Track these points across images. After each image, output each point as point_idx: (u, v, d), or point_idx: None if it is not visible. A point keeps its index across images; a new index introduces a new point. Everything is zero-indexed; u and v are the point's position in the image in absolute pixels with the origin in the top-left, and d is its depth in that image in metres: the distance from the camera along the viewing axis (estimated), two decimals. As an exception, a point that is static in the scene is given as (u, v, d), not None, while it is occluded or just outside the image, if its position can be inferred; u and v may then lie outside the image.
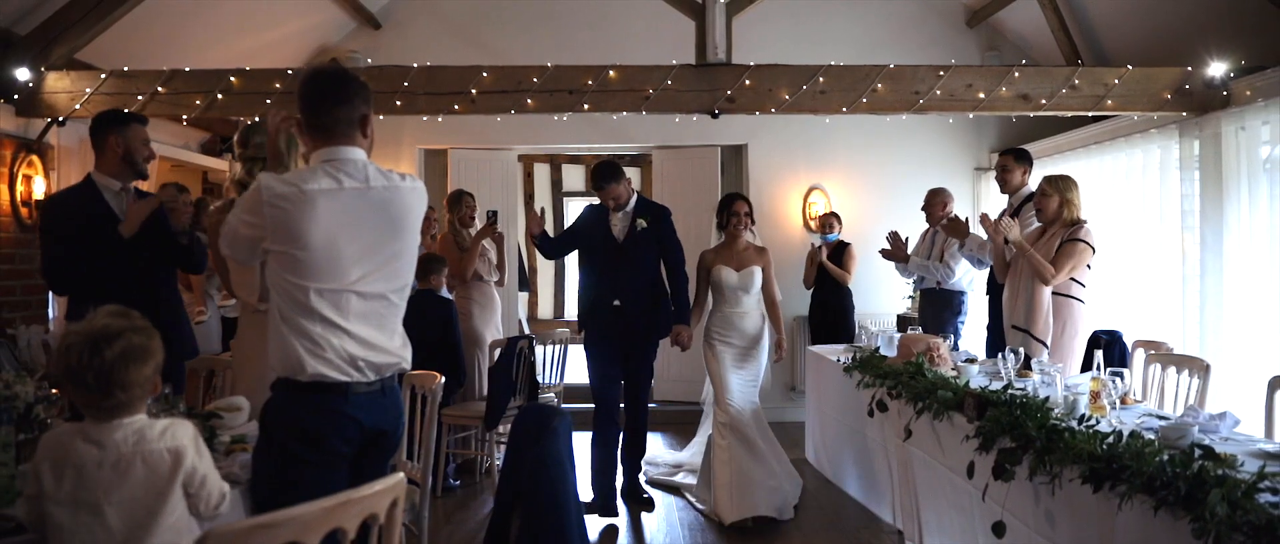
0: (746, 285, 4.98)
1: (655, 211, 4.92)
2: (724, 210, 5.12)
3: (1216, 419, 3.02)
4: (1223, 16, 5.19)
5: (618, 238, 4.84)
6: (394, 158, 7.30)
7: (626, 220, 4.85)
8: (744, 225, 5.03)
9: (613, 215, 4.86)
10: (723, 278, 4.99)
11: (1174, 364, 4.01)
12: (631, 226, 4.83)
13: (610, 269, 4.83)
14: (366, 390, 2.33)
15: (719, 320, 5.04)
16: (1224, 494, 2.02)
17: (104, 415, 1.86)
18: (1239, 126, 4.84)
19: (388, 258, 2.38)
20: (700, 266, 5.10)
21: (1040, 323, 4.36)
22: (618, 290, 4.80)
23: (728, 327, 5.00)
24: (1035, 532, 2.86)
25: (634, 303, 4.82)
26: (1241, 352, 4.78)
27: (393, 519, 1.83)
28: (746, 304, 5.01)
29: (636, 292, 4.84)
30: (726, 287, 4.98)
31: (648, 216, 4.85)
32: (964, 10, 7.60)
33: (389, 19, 7.43)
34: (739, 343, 5.00)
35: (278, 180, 2.26)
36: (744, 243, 5.06)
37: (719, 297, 5.04)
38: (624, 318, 4.80)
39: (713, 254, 5.10)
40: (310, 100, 2.35)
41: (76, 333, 1.86)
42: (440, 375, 3.43)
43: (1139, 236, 5.76)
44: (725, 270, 4.99)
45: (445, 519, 4.83)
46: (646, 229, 4.82)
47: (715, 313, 5.08)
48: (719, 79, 5.41)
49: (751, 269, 4.99)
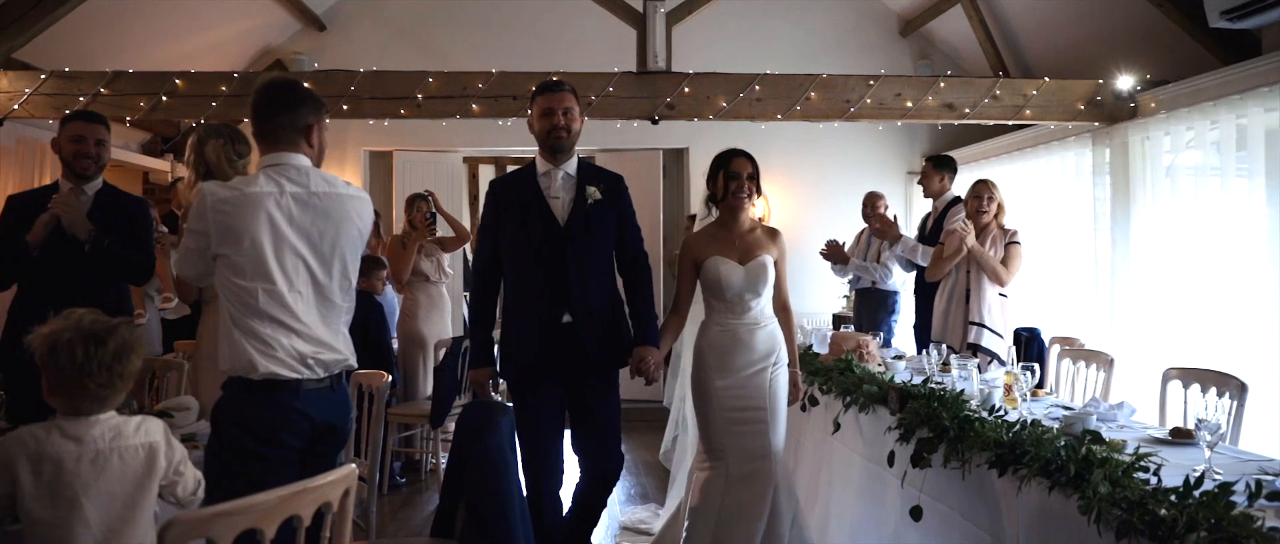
0: (755, 284, 3.49)
1: (609, 180, 3.39)
2: (719, 173, 3.57)
3: (1115, 409, 3.27)
4: (1132, 34, 5.53)
5: (559, 217, 3.26)
6: (339, 160, 7.34)
7: (568, 189, 3.30)
8: (749, 196, 3.55)
9: (548, 183, 3.30)
10: (720, 275, 3.47)
11: (1083, 358, 4.29)
12: (578, 198, 3.28)
13: (552, 267, 3.24)
14: (316, 387, 2.44)
15: (716, 339, 3.52)
16: (1106, 474, 2.23)
17: (86, 410, 1.95)
18: (1145, 136, 5.18)
19: (332, 260, 2.50)
20: (683, 259, 3.65)
21: (996, 318, 4.73)
22: (566, 299, 3.23)
23: (729, 347, 3.49)
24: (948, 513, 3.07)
25: (590, 316, 3.27)
26: (1145, 346, 5.10)
27: (345, 507, 1.95)
28: (756, 312, 3.53)
29: (594, 298, 3.29)
30: (726, 287, 3.47)
31: (600, 185, 3.32)
32: (897, 20, 7.90)
33: (334, 21, 7.46)
34: (747, 371, 3.48)
35: (220, 186, 2.40)
36: (749, 222, 3.59)
37: (715, 303, 3.55)
38: (577, 342, 3.24)
39: (702, 240, 3.58)
40: (259, 108, 2.49)
41: (65, 331, 1.94)
42: (387, 374, 3.55)
43: (1057, 238, 6.10)
44: (723, 264, 3.47)
45: (391, 515, 4.92)
46: (601, 202, 3.29)
47: (709, 327, 3.57)
48: (659, 86, 5.58)
49: (761, 260, 3.50)
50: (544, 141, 3.27)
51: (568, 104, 3.27)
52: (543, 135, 3.28)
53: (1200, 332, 4.76)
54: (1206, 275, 4.78)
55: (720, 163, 3.59)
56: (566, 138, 3.27)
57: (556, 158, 3.29)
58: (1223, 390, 3.27)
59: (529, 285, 3.28)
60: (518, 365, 3.28)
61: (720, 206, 3.60)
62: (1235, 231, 4.59)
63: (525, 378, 3.28)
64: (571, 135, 3.28)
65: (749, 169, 3.55)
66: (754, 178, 3.56)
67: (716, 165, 3.60)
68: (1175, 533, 1.85)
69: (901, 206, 7.72)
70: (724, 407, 3.47)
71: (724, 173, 3.55)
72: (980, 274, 4.73)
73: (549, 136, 3.25)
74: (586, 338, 3.24)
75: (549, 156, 3.30)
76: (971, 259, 4.74)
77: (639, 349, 3.34)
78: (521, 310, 3.30)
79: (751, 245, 3.54)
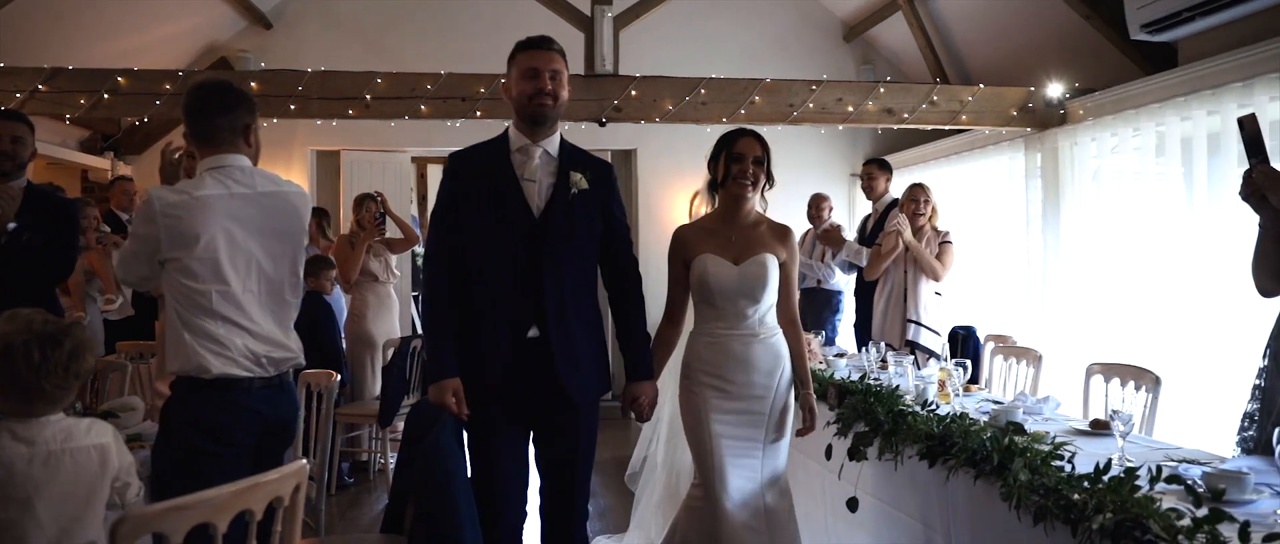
0: (752, 289, 2.95)
1: (596, 168, 2.75)
2: (722, 154, 3.05)
3: (1041, 402, 3.43)
4: (1062, 44, 5.76)
5: (534, 205, 2.64)
6: (286, 159, 7.28)
7: (549, 172, 2.67)
8: (755, 184, 3.01)
9: (523, 161, 2.67)
10: (709, 276, 2.95)
11: (1014, 355, 4.46)
12: (560, 185, 2.65)
13: (522, 266, 2.61)
14: (266, 385, 2.47)
15: (703, 352, 3.02)
16: (1026, 463, 2.37)
17: (38, 412, 1.97)
18: (1073, 142, 5.41)
19: (282, 258, 2.54)
20: (673, 255, 3.08)
21: (932, 315, 4.92)
22: (537, 308, 2.60)
23: (719, 361, 2.98)
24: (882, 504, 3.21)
25: (567, 331, 2.64)
26: (1072, 342, 5.33)
27: (296, 502, 1.99)
28: (753, 322, 2.99)
29: (571, 309, 2.66)
30: (716, 291, 2.95)
31: (587, 172, 2.69)
32: (841, 25, 8.09)
33: (280, 18, 7.40)
34: (745, 390, 2.98)
35: (167, 191, 2.42)
36: (753, 215, 3.07)
37: (704, 309, 3.04)
38: (547, 363, 2.60)
39: (694, 233, 3.08)
40: (194, 111, 2.50)
41: (17, 334, 1.96)
42: (336, 373, 3.58)
43: (992, 240, 6.32)
44: (714, 262, 2.96)
45: (340, 515, 4.92)
46: (587, 193, 2.67)
47: (699, 336, 3.06)
48: (606, 89, 5.66)
49: (760, 259, 2.97)
50: (524, 110, 2.66)
51: (557, 66, 2.68)
52: (524, 102, 2.65)
53: (1123, 328, 4.99)
54: (1129, 275, 5.02)
55: (725, 142, 3.06)
56: (552, 107, 2.64)
57: (536, 131, 2.68)
58: (1139, 384, 3.45)
59: (492, 288, 2.61)
60: (473, 392, 2.61)
61: (720, 193, 3.08)
62: (1155, 234, 4.82)
63: (481, 409, 2.62)
64: (558, 104, 2.66)
65: (758, 151, 3.00)
66: (763, 163, 3.01)
67: (720, 145, 3.07)
68: (1085, 515, 1.98)
69: (845, 208, 7.90)
70: (716, 432, 2.97)
71: (727, 154, 3.02)
72: (918, 274, 4.92)
73: (532, 104, 2.63)
74: (558, 357, 2.60)
75: (527, 129, 2.68)
76: (909, 257, 4.93)
77: (633, 386, 2.76)
78: (480, 320, 2.62)
79: (751, 242, 2.99)
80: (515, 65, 2.72)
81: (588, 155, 2.81)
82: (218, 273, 2.38)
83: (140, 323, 5.36)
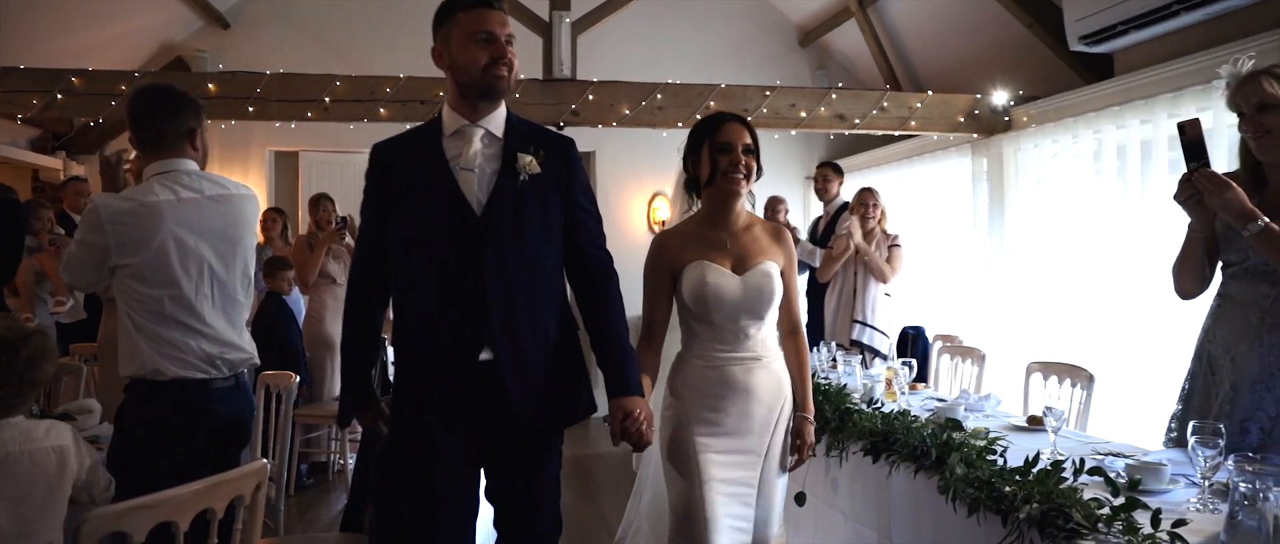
0: (757, 303, 2.49)
1: (553, 144, 2.27)
2: (704, 146, 2.54)
3: (982, 400, 3.56)
4: (1007, 53, 5.95)
5: (474, 200, 2.17)
6: (243, 160, 7.24)
7: (492, 157, 2.20)
8: (748, 176, 2.53)
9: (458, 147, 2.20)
10: (707, 288, 2.47)
11: (960, 354, 4.61)
12: (505, 172, 2.18)
13: (463, 275, 2.14)
14: (223, 385, 2.51)
15: (696, 379, 2.52)
16: (962, 457, 2.49)
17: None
18: (1017, 148, 5.60)
19: (232, 260, 2.57)
20: (653, 266, 2.58)
21: (881, 316, 5.06)
22: (484, 326, 2.14)
23: (717, 391, 2.50)
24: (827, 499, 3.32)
25: (520, 351, 2.17)
26: (1016, 341, 5.51)
27: (257, 501, 2.03)
28: (756, 341, 2.53)
29: (526, 323, 2.18)
30: (716, 306, 2.47)
31: (538, 152, 2.20)
32: (796, 31, 8.23)
33: (238, 18, 7.35)
34: (743, 424, 2.50)
35: (114, 199, 2.43)
36: (744, 216, 2.60)
37: (698, 328, 2.55)
38: (499, 391, 2.14)
39: (679, 239, 2.58)
40: (139, 116, 2.51)
41: None
42: (295, 375, 3.60)
43: (941, 242, 6.51)
44: (712, 272, 2.49)
45: (299, 515, 4.93)
46: (541, 178, 2.19)
47: (688, 362, 2.56)
48: (564, 93, 5.73)
49: (764, 268, 2.51)
50: (476, 84, 2.15)
51: (510, 29, 2.21)
52: (475, 74, 2.14)
53: (1063, 327, 5.18)
54: (1069, 277, 5.21)
55: (706, 131, 2.55)
56: (508, 78, 2.16)
57: (479, 109, 2.19)
58: (1075, 381, 3.60)
59: (426, 305, 2.17)
60: (410, 422, 2.18)
61: (705, 193, 2.57)
62: (1093, 238, 5.01)
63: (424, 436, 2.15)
64: (512, 75, 2.18)
65: (746, 138, 2.51)
66: (753, 151, 2.54)
67: (701, 134, 2.56)
68: (1014, 506, 2.09)
69: (800, 210, 8.05)
70: (709, 477, 2.46)
71: (711, 145, 2.50)
72: (867, 276, 5.07)
73: (487, 76, 2.13)
74: (512, 385, 2.13)
75: (468, 107, 2.19)
76: (859, 259, 5.08)
77: (620, 402, 2.20)
78: (416, 342, 2.20)
79: (750, 248, 2.54)
80: (456, 27, 2.17)
81: (542, 130, 2.31)
82: (169, 278, 2.41)
83: (93, 324, 5.31)
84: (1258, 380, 2.43)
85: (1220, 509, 1.94)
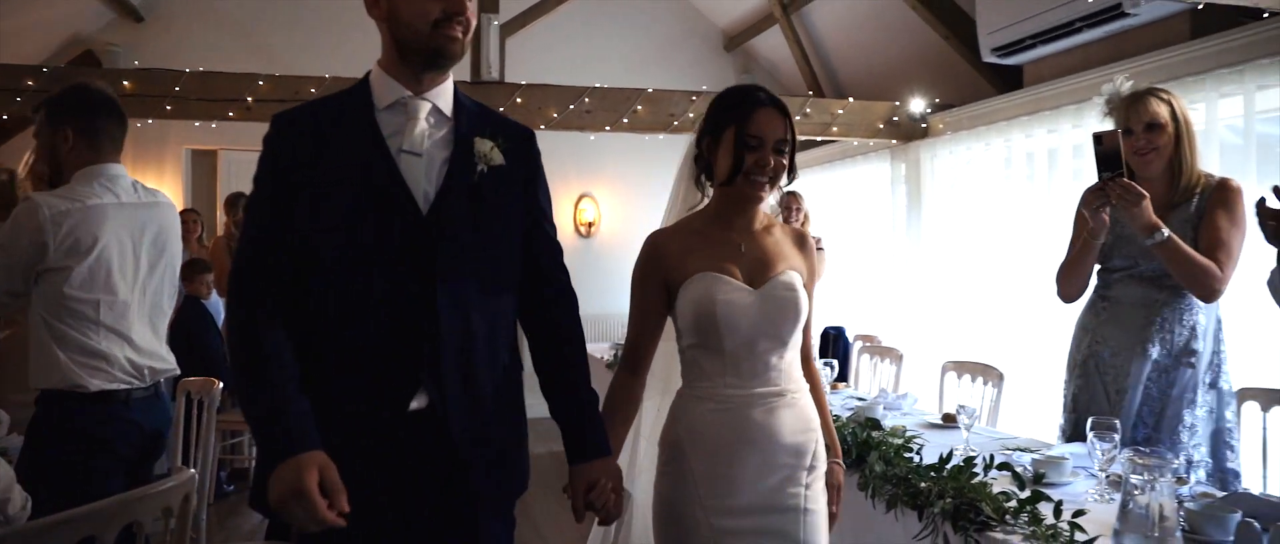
0: (778, 326, 1.96)
1: (513, 135, 1.74)
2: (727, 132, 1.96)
3: (900, 398, 3.71)
4: (924, 62, 6.16)
5: (421, 195, 1.62)
6: (158, 159, 7.03)
7: (443, 141, 1.67)
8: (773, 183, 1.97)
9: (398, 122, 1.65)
10: (717, 306, 1.93)
11: (879, 354, 4.78)
12: (458, 159, 1.66)
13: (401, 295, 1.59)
14: (144, 395, 2.48)
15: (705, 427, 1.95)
16: (880, 455, 2.60)
17: None
18: (933, 154, 5.81)
19: (161, 269, 2.55)
20: (644, 275, 2.05)
21: None
22: (425, 362, 1.59)
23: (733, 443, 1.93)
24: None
25: (477, 395, 1.65)
26: (932, 340, 5.72)
27: (186, 512, 2.02)
28: (778, 372, 1.98)
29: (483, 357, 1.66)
30: (728, 330, 1.93)
31: (500, 140, 1.69)
32: (722, 36, 8.37)
33: (153, 12, 7.12)
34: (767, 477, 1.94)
35: (56, 198, 2.35)
36: (763, 217, 2.08)
37: (703, 359, 1.99)
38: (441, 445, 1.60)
39: (679, 241, 2.04)
40: (84, 109, 2.45)
41: None
42: (218, 381, 3.53)
43: (863, 244, 6.70)
44: (722, 286, 1.95)
45: (220, 523, 4.83)
46: (503, 170, 1.68)
47: (692, 405, 1.99)
48: (492, 96, 5.72)
49: (788, 279, 2.00)
50: (424, 43, 1.63)
51: None
52: (424, 31, 1.61)
53: (976, 327, 5.40)
54: (981, 279, 5.43)
55: (732, 113, 1.96)
56: (462, 41, 1.64)
57: (423, 79, 1.68)
58: (986, 379, 3.77)
59: (351, 333, 1.59)
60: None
61: (718, 188, 2.03)
62: (1003, 241, 5.24)
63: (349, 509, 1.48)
64: (467, 39, 1.66)
65: (780, 131, 1.94)
66: (785, 149, 1.97)
67: (725, 116, 1.98)
68: (929, 501, 2.20)
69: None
70: None
71: (737, 133, 1.93)
72: None
73: (439, 33, 1.61)
74: (464, 440, 1.62)
75: (411, 74, 1.67)
76: None
77: (583, 467, 1.72)
78: (331, 385, 1.59)
79: (770, 254, 2.03)
80: None
81: (497, 115, 1.81)
82: (108, 282, 2.37)
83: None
84: (1148, 378, 2.61)
85: (1115, 499, 2.09)
